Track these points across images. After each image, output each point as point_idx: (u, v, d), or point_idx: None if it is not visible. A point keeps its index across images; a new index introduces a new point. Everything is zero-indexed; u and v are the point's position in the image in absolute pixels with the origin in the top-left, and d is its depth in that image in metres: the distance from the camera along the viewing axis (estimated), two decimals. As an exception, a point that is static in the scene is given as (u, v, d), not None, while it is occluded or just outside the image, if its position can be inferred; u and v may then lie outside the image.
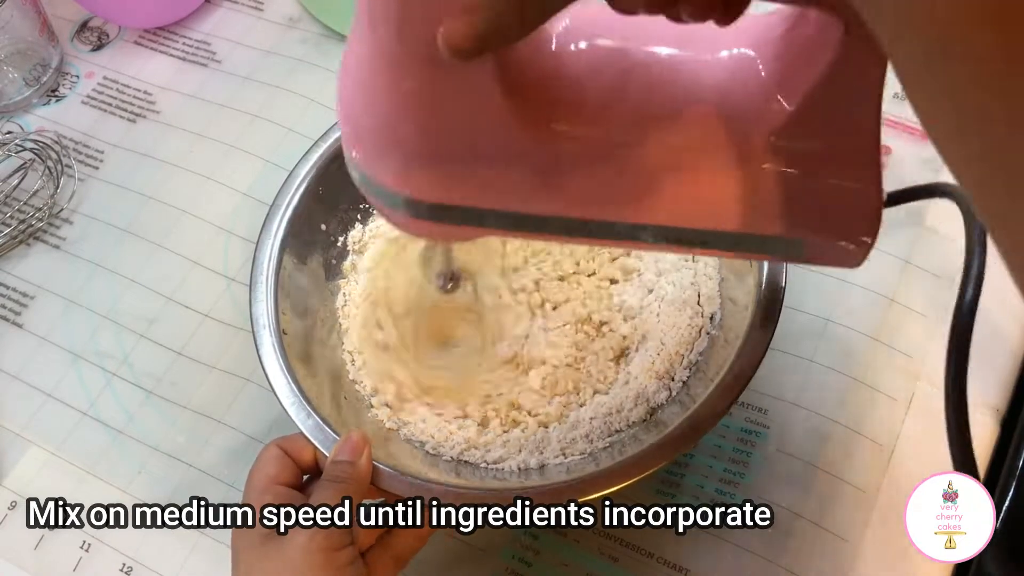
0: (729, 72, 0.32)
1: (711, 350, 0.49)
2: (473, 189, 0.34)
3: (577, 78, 0.33)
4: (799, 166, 0.33)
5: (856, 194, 0.33)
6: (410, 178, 0.34)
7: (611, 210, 0.35)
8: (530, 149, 0.33)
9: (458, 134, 0.33)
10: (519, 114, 0.32)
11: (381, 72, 0.32)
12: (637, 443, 0.45)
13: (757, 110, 0.32)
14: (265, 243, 0.52)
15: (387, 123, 0.33)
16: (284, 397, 0.47)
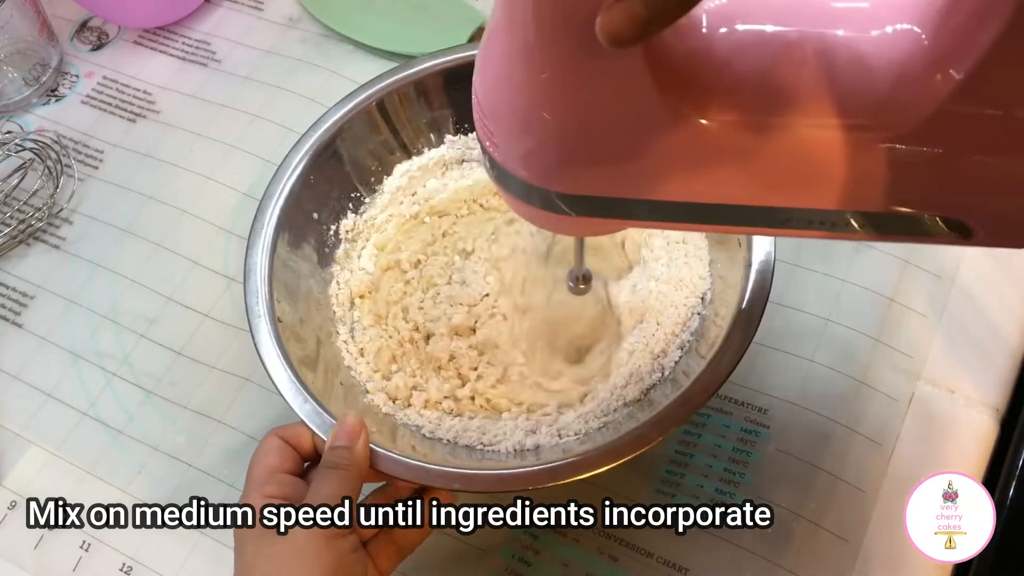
0: (890, 47, 0.31)
1: (703, 329, 0.50)
2: (620, 179, 0.33)
3: (729, 61, 0.32)
4: (971, 140, 0.30)
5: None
6: (556, 172, 0.33)
7: (771, 196, 0.33)
8: (680, 136, 0.32)
9: (605, 124, 0.32)
10: (669, 101, 0.31)
11: (525, 65, 0.31)
12: (632, 421, 0.46)
13: (924, 82, 0.30)
14: (258, 233, 0.52)
15: (532, 117, 0.32)
16: (281, 384, 0.47)
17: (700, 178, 0.33)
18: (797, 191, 0.33)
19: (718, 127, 0.32)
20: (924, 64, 0.30)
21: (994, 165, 0.31)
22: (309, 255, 0.55)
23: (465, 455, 0.49)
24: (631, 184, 0.34)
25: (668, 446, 0.52)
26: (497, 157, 0.34)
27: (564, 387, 0.51)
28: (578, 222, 0.36)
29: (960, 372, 0.53)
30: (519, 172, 0.34)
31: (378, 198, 0.58)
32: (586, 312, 0.52)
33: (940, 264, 0.56)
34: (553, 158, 0.33)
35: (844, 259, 0.57)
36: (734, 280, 0.48)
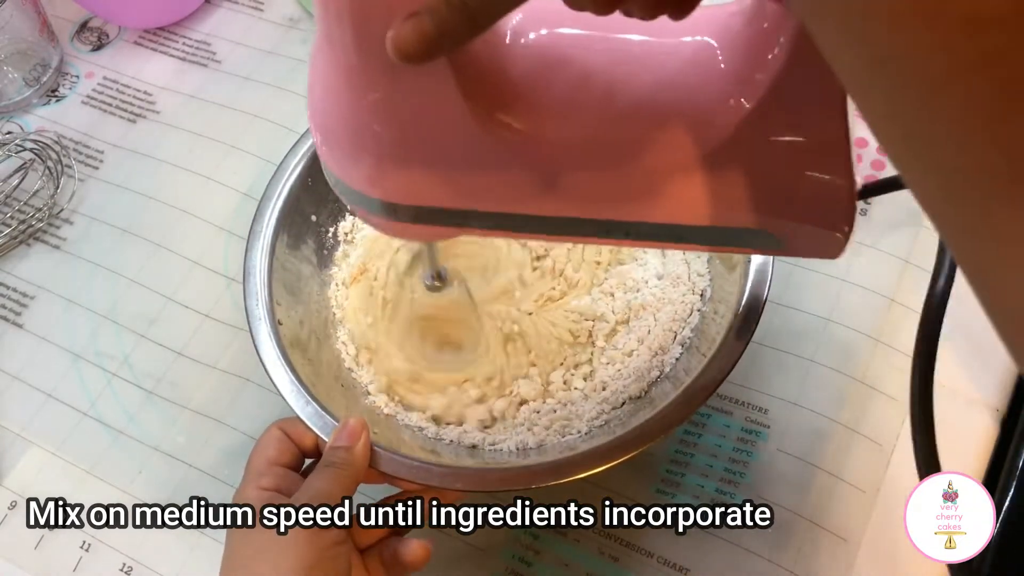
0: (690, 65, 0.32)
1: (702, 326, 0.50)
2: (442, 190, 0.34)
3: (534, 74, 0.33)
4: (765, 159, 0.32)
5: (827, 185, 0.32)
6: (381, 182, 0.34)
7: (578, 207, 0.35)
8: (492, 148, 0.33)
9: (422, 137, 0.33)
10: (478, 114, 0.32)
11: (342, 81, 0.32)
12: (634, 419, 0.46)
13: (719, 103, 0.32)
14: (257, 235, 0.52)
15: (354, 130, 0.33)
16: (282, 385, 0.47)
17: (514, 188, 0.34)
18: (606, 203, 0.34)
19: (523, 137, 0.33)
20: (718, 89, 0.31)
21: (787, 184, 0.33)
22: (308, 257, 0.55)
23: (468, 455, 0.49)
24: (455, 194, 0.35)
25: (668, 446, 0.52)
26: (335, 171, 0.36)
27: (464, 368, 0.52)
28: (418, 229, 0.37)
29: (960, 372, 0.53)
30: (356, 185, 0.35)
31: None
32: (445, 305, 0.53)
33: (940, 264, 0.56)
34: (383, 171, 0.34)
35: (844, 259, 0.55)
36: (733, 277, 0.48)
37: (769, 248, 0.36)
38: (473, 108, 0.31)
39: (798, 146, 0.32)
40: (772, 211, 0.34)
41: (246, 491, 0.43)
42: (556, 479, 0.43)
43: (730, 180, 0.33)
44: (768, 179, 0.33)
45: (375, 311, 0.55)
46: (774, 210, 0.34)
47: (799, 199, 0.33)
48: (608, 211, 0.35)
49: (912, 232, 0.57)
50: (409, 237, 0.42)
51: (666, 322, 0.51)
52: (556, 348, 0.52)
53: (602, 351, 0.52)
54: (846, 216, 0.33)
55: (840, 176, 0.32)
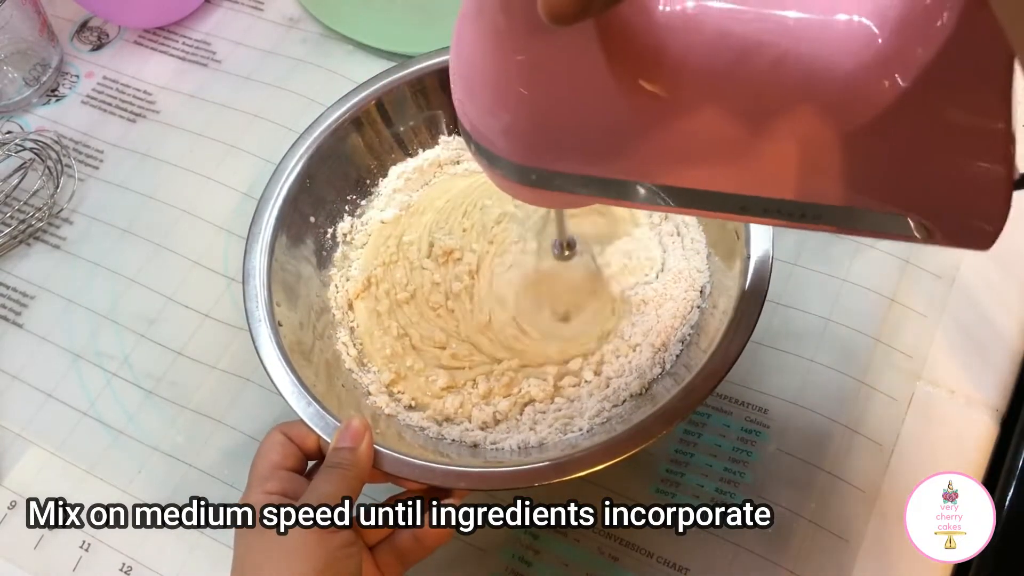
0: (845, 39, 0.31)
1: (702, 323, 0.50)
2: (580, 156, 0.34)
3: (681, 43, 0.32)
4: (919, 141, 0.31)
5: (984, 172, 0.30)
6: (519, 146, 0.34)
7: (718, 181, 0.34)
8: (633, 116, 0.32)
9: (564, 102, 0.32)
10: (621, 80, 0.31)
11: (489, 43, 0.32)
12: (636, 416, 0.46)
13: (874, 79, 0.30)
14: (256, 236, 0.52)
15: (497, 92, 0.33)
16: (283, 387, 0.47)
17: (652, 158, 0.34)
18: (750, 177, 0.33)
19: (668, 105, 0.32)
20: (875, 64, 0.30)
21: (939, 169, 0.31)
22: (308, 258, 0.55)
23: (470, 454, 0.49)
24: (595, 161, 0.34)
25: (668, 445, 0.52)
26: (475, 136, 0.35)
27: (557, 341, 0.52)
28: (550, 195, 0.37)
29: (960, 372, 0.53)
30: (494, 147, 0.35)
31: (375, 200, 0.58)
32: (573, 275, 0.53)
33: (940, 264, 0.56)
34: (523, 133, 0.34)
35: (844, 259, 0.57)
36: (733, 273, 0.48)
37: (912, 236, 0.34)
38: (617, 74, 0.31)
39: (955, 129, 0.30)
40: (922, 197, 0.32)
41: (251, 496, 0.43)
42: (559, 477, 0.43)
43: (880, 161, 0.31)
44: (920, 162, 0.31)
45: (388, 324, 0.54)
46: (924, 196, 0.32)
47: (952, 186, 0.31)
48: (749, 187, 0.34)
49: (912, 232, 0.57)
50: (542, 203, 0.41)
51: (667, 318, 0.51)
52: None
53: (595, 316, 0.52)
54: (1001, 207, 0.31)
55: (999, 163, 0.30)
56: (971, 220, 0.32)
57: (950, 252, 0.56)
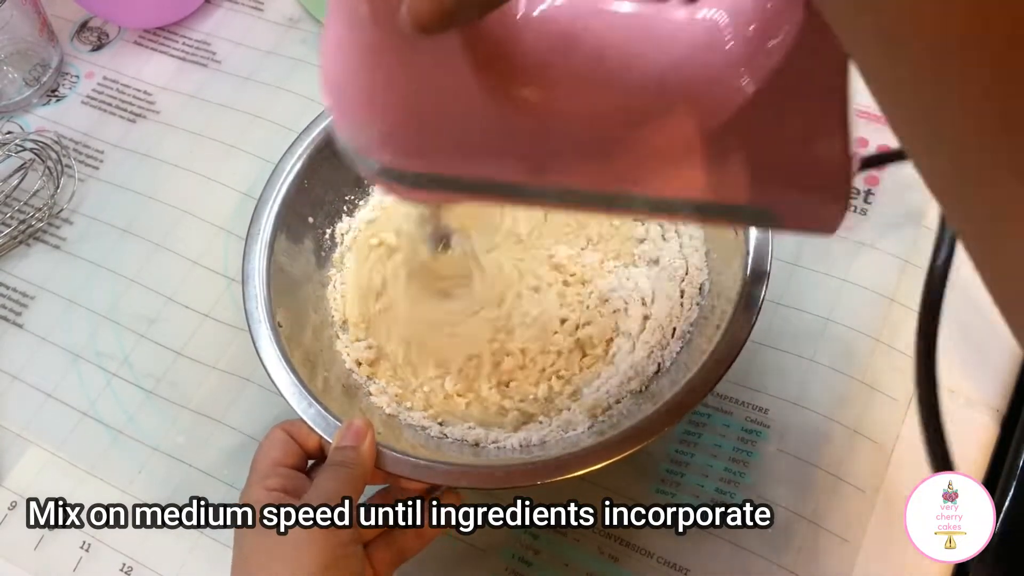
0: (699, 43, 0.33)
1: (702, 321, 0.50)
2: (450, 159, 0.35)
3: (545, 47, 0.33)
4: (767, 137, 0.33)
5: (826, 161, 0.33)
6: (390, 150, 0.35)
7: (583, 179, 0.35)
8: (502, 120, 0.33)
9: (432, 107, 0.33)
10: (488, 86, 0.32)
11: (354, 49, 0.32)
12: (637, 413, 0.46)
13: (726, 82, 0.32)
14: (255, 237, 0.52)
15: (365, 99, 0.34)
16: (284, 387, 0.47)
17: (518, 157, 0.35)
18: (606, 174, 0.35)
19: (532, 108, 0.33)
20: (723, 64, 0.32)
21: (787, 160, 0.34)
22: (306, 258, 0.55)
23: (471, 453, 0.49)
24: (462, 163, 0.35)
25: (668, 445, 0.52)
26: (345, 137, 0.36)
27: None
28: (424, 193, 0.38)
29: (960, 372, 0.53)
30: (365, 151, 0.36)
31: (371, 200, 0.58)
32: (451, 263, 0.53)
33: (940, 264, 0.56)
34: (392, 139, 0.35)
35: (844, 259, 0.57)
36: (732, 271, 0.48)
37: (766, 222, 0.37)
38: (484, 80, 0.32)
39: (799, 124, 0.32)
40: (772, 187, 0.34)
41: (252, 492, 0.43)
42: (560, 475, 0.43)
43: (732, 157, 0.33)
44: (769, 156, 0.33)
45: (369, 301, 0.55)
46: (774, 186, 0.34)
47: (799, 176, 0.34)
48: (613, 183, 0.35)
49: (912, 232, 0.57)
50: (414, 200, 0.43)
51: (666, 317, 0.51)
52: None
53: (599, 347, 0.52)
54: (843, 190, 0.34)
55: (838, 151, 0.33)
56: (817, 207, 0.35)
57: (950, 252, 0.56)
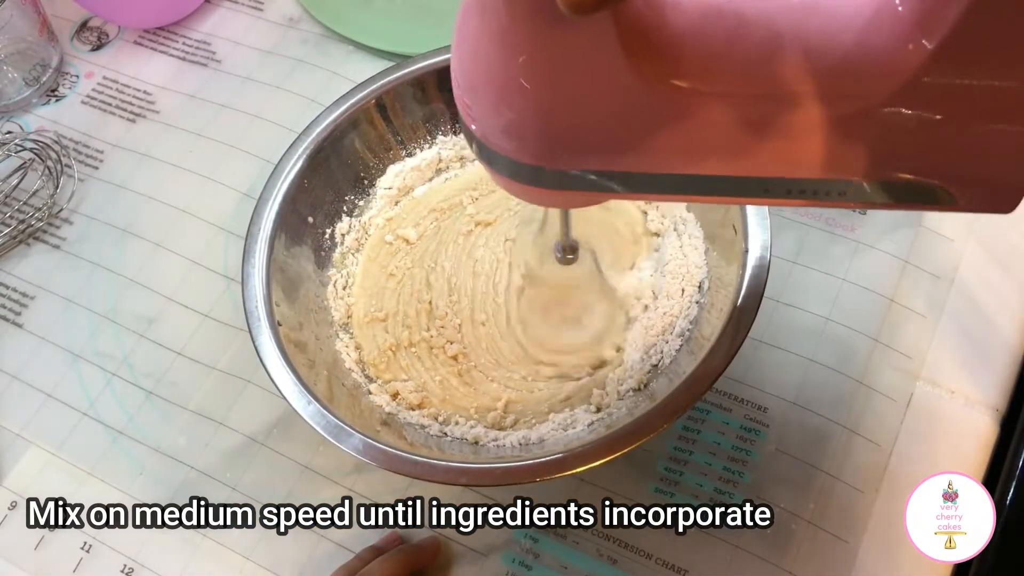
0: (864, 14, 0.31)
1: (701, 318, 0.50)
2: (595, 152, 0.33)
3: (699, 29, 0.31)
4: (947, 107, 0.31)
5: (1012, 135, 0.31)
6: (533, 146, 0.33)
7: (745, 166, 0.33)
8: (655, 107, 0.32)
9: (579, 98, 0.32)
10: (640, 72, 0.31)
11: (494, 39, 0.31)
12: (637, 410, 0.46)
13: (898, 47, 0.30)
14: (255, 237, 0.52)
15: (504, 92, 0.32)
16: (284, 387, 0.47)
17: (674, 149, 0.33)
18: (773, 160, 0.33)
19: (690, 96, 0.32)
20: (896, 33, 0.30)
21: (967, 134, 0.31)
22: (306, 258, 0.55)
23: (471, 451, 0.49)
24: (609, 156, 0.34)
25: (667, 443, 0.52)
26: (479, 135, 0.35)
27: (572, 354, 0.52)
28: (562, 195, 0.36)
29: (960, 372, 0.53)
30: (501, 148, 0.34)
31: (372, 202, 0.59)
32: (576, 277, 0.52)
33: (940, 264, 0.56)
34: (532, 132, 0.33)
35: (844, 258, 0.57)
36: (731, 269, 0.48)
37: (939, 203, 0.34)
38: (635, 66, 0.30)
39: (983, 92, 0.30)
40: (950, 163, 0.32)
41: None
42: (560, 472, 0.43)
43: (908, 131, 0.31)
44: (948, 129, 0.31)
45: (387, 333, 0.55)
46: (953, 162, 0.32)
47: (980, 150, 0.31)
48: (777, 168, 0.33)
49: (912, 232, 0.57)
50: (551, 204, 0.40)
51: (665, 314, 0.51)
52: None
53: (603, 317, 0.53)
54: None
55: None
56: (997, 184, 0.32)
57: (950, 252, 0.56)
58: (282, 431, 0.55)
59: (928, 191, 0.33)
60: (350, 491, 0.52)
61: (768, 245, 0.47)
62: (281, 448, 0.54)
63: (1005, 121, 0.30)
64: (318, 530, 0.51)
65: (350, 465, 0.53)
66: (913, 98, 0.30)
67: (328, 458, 0.54)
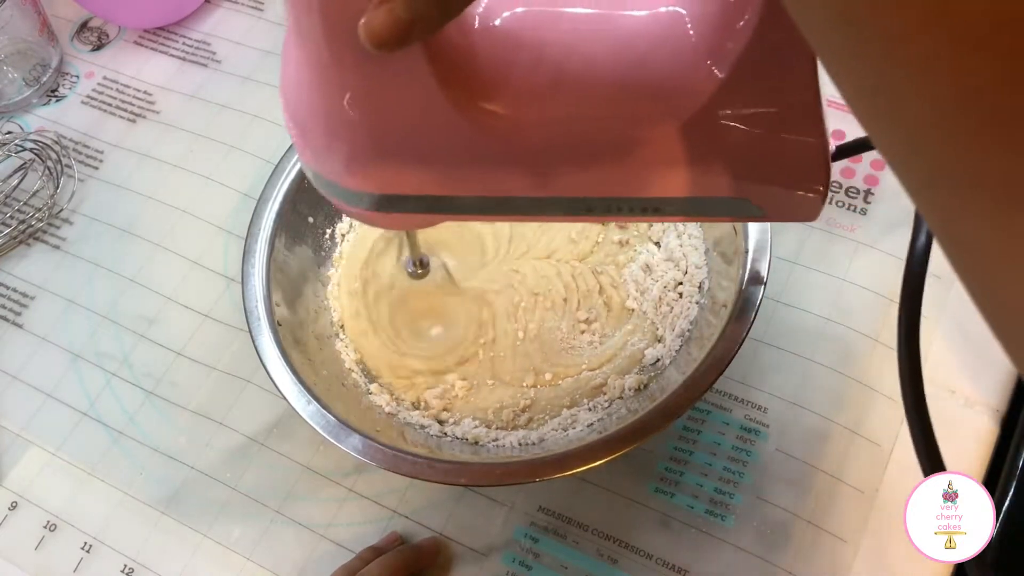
0: (661, 38, 0.32)
1: (701, 318, 0.50)
2: (421, 178, 0.34)
3: (506, 57, 0.33)
4: (740, 126, 0.32)
5: (801, 147, 0.33)
6: (358, 173, 0.34)
7: (558, 187, 0.35)
8: (470, 134, 0.33)
9: (398, 126, 0.33)
10: (453, 100, 0.32)
11: (315, 74, 0.32)
12: (635, 412, 0.46)
13: (692, 74, 0.32)
14: (255, 237, 0.52)
15: (329, 123, 0.33)
16: (284, 386, 0.47)
17: (493, 171, 0.34)
18: (585, 180, 0.34)
19: (499, 120, 0.33)
20: (689, 56, 0.32)
21: (763, 151, 0.33)
22: (307, 258, 0.55)
23: (471, 451, 0.49)
24: (434, 181, 0.35)
25: (667, 443, 0.52)
26: (312, 164, 0.35)
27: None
28: (400, 218, 0.37)
29: (960, 372, 0.52)
30: (334, 177, 0.35)
31: None
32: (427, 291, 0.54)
33: (940, 264, 0.56)
34: (360, 162, 0.34)
35: (844, 259, 0.57)
36: (731, 269, 0.48)
37: (748, 215, 0.36)
38: (448, 95, 0.31)
39: (771, 111, 0.32)
40: (749, 178, 0.34)
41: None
42: (561, 472, 0.43)
43: (707, 150, 0.33)
44: (743, 146, 0.33)
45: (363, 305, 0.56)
46: (751, 176, 0.34)
47: (775, 163, 0.34)
48: (588, 189, 0.35)
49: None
50: (391, 227, 0.42)
51: (665, 314, 0.51)
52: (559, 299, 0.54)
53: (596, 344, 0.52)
54: (821, 176, 0.33)
55: (813, 137, 0.32)
56: (799, 193, 0.35)
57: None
58: (282, 431, 0.55)
59: (736, 204, 0.35)
60: (350, 491, 0.52)
61: (768, 245, 0.47)
62: (281, 448, 0.54)
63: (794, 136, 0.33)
64: (318, 530, 0.52)
65: (350, 465, 0.53)
66: (709, 120, 0.32)
67: (328, 458, 0.54)
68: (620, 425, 0.44)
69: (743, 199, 0.35)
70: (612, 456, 0.43)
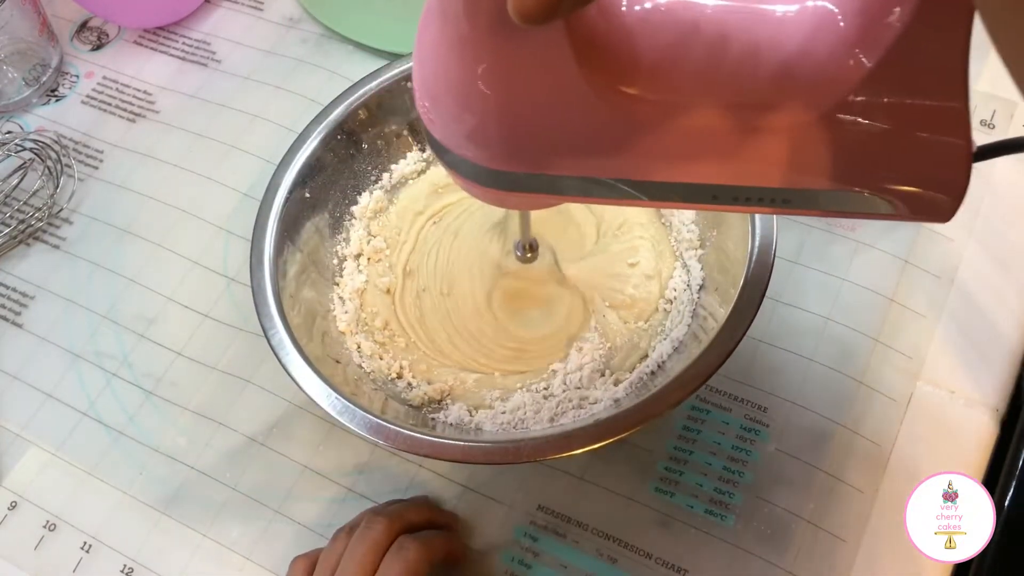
0: (807, 27, 0.32)
1: (701, 315, 0.50)
2: (550, 157, 0.34)
3: (650, 40, 0.32)
4: (884, 120, 0.32)
5: (944, 146, 0.32)
6: (488, 150, 0.34)
7: (685, 172, 0.34)
8: (606, 115, 0.33)
9: (531, 102, 0.33)
10: (590, 79, 0.31)
11: (452, 46, 0.32)
12: (643, 392, 0.46)
13: (837, 67, 0.31)
14: (259, 238, 0.52)
15: (463, 98, 0.33)
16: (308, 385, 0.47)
17: (624, 154, 0.34)
18: (720, 167, 0.34)
19: (638, 104, 0.32)
20: (839, 47, 0.31)
21: (904, 147, 0.32)
22: (312, 258, 0.55)
23: (491, 436, 0.49)
24: (563, 161, 0.35)
25: (667, 443, 0.52)
26: (441, 140, 0.36)
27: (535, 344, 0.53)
28: (520, 197, 0.37)
29: (960, 372, 0.53)
30: (460, 151, 0.35)
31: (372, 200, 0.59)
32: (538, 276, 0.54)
33: (940, 264, 0.56)
34: (491, 137, 0.34)
35: (844, 258, 0.57)
36: (732, 268, 0.48)
37: (878, 212, 0.35)
38: (586, 75, 0.31)
39: (917, 107, 0.31)
40: (887, 173, 0.33)
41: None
42: (570, 450, 0.43)
43: (847, 142, 0.32)
44: (885, 141, 0.32)
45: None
46: (889, 172, 0.33)
47: (915, 162, 0.33)
48: (718, 176, 0.34)
49: (912, 232, 0.57)
50: (510, 206, 0.42)
51: (665, 311, 0.52)
52: None
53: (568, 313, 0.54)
54: (961, 179, 0.32)
55: (958, 137, 0.31)
56: (934, 194, 0.34)
57: (950, 252, 0.56)
58: (282, 431, 0.55)
59: (868, 200, 0.34)
60: (350, 491, 0.52)
61: (772, 244, 0.47)
62: (281, 448, 0.54)
63: (938, 134, 0.32)
64: (318, 530, 0.52)
65: (350, 465, 0.53)
66: (853, 111, 0.32)
67: (328, 458, 0.54)
68: (626, 408, 0.44)
69: (876, 196, 0.34)
70: (613, 439, 0.43)
